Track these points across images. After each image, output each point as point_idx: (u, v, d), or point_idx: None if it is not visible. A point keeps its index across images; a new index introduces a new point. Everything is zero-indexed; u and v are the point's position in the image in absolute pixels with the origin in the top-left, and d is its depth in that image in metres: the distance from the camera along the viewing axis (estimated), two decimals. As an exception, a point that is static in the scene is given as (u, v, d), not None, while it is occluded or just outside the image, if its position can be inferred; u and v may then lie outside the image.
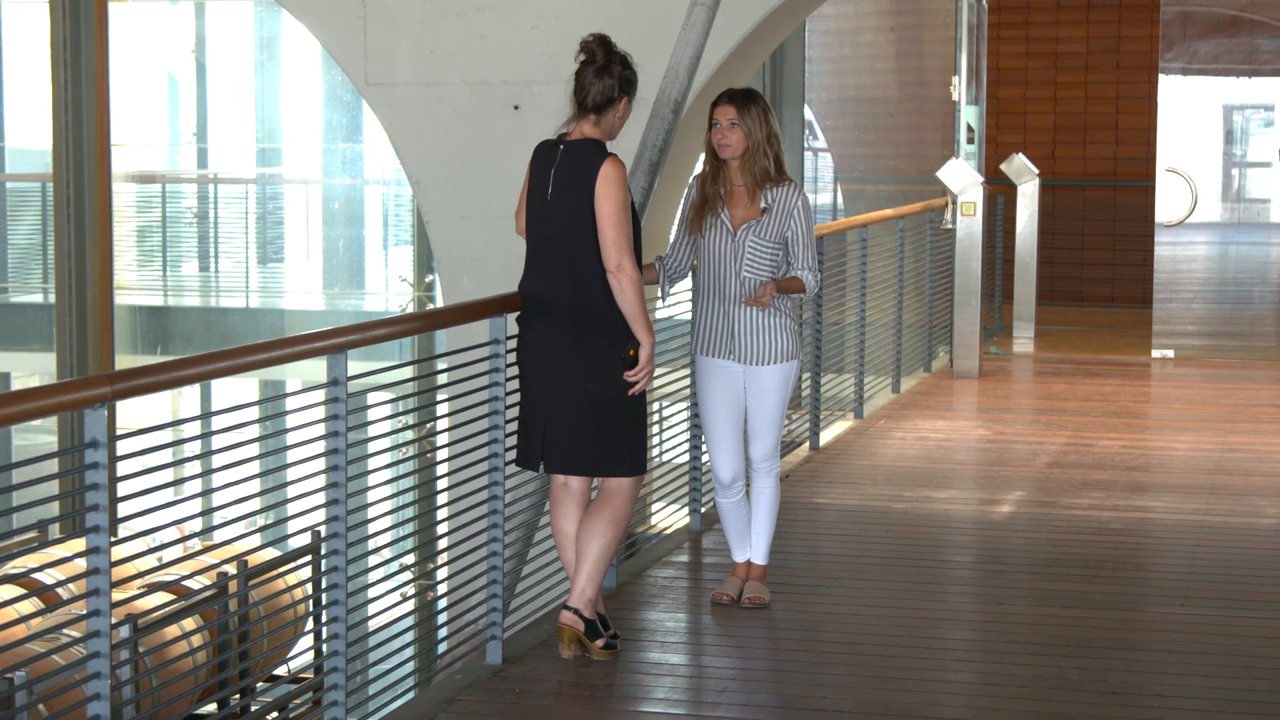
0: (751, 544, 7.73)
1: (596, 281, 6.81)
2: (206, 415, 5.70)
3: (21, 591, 10.48)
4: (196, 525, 6.55)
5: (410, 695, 7.02)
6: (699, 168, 7.64)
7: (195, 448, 14.08)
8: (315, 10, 12.23)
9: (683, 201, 7.56)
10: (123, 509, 5.37)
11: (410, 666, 7.23)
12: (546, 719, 6.44)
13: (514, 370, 7.07)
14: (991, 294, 16.53)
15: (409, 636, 7.28)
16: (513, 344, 7.08)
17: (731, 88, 7.49)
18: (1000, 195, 17.21)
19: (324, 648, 6.10)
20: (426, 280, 16.82)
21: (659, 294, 7.70)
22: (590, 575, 6.90)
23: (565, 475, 6.99)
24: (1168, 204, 16.40)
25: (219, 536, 11.06)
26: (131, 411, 15.29)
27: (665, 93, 9.16)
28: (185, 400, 17.81)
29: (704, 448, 9.11)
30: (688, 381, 9.11)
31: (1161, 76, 16.43)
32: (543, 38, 11.52)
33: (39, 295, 18.08)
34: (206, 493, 6.02)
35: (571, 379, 6.84)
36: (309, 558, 8.56)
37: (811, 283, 7.45)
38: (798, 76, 16.72)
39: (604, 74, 6.88)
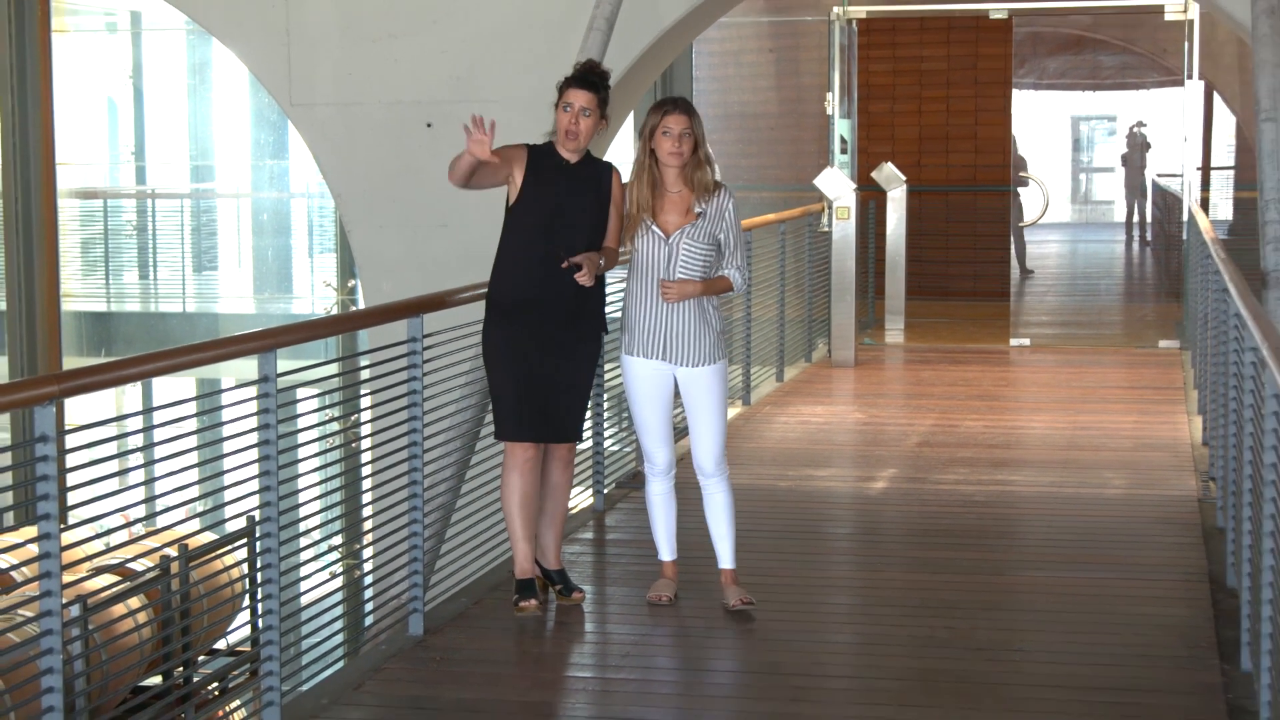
0: (718, 551, 7.30)
1: None
2: (148, 411, 5.67)
3: (-22, 577, 10.37)
4: (140, 512, 6.46)
5: (339, 665, 6.99)
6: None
7: (138, 441, 13.96)
8: (242, 37, 12.15)
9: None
10: (71, 498, 5.33)
11: (339, 639, 7.20)
12: (464, 684, 6.43)
13: (430, 365, 7.08)
14: (865, 290, 16.60)
15: (338, 611, 7.25)
16: (431, 340, 7.10)
17: (671, 95, 7.23)
18: (871, 200, 17.30)
19: (259, 623, 6.07)
20: (349, 285, 16.72)
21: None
22: None
23: None
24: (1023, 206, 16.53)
25: (161, 522, 10.97)
26: (78, 409, 15.14)
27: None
28: (128, 398, 17.65)
29: (607, 433, 9.11)
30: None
31: (1015, 91, 16.57)
32: (451, 61, 11.48)
33: (-10, 304, 17.85)
34: (149, 482, 5.97)
35: None
36: (244, 541, 8.50)
37: (739, 280, 7.03)
38: (686, 93, 16.73)
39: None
